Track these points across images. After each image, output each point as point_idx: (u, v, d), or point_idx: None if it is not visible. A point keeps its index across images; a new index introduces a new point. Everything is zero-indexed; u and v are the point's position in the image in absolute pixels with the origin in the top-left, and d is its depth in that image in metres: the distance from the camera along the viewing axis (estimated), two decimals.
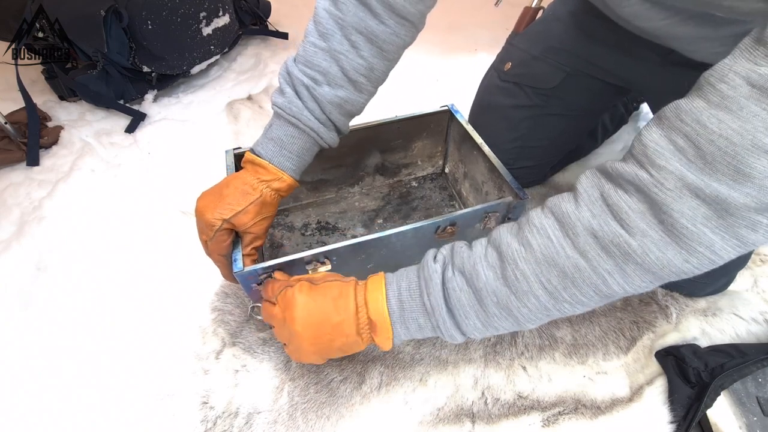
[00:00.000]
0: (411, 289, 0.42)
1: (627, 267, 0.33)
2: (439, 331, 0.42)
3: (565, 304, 0.37)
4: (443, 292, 0.41)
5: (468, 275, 0.39)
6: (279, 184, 0.52)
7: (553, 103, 0.74)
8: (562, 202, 0.38)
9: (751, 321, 0.67)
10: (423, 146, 0.81)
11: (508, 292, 0.38)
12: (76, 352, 0.66)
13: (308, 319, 0.44)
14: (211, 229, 0.50)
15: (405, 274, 0.44)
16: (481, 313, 0.39)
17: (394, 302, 0.43)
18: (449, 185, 0.86)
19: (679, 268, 0.33)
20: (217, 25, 1.11)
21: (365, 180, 0.84)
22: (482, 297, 0.39)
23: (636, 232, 0.32)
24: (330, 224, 0.80)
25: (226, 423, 0.58)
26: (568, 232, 0.36)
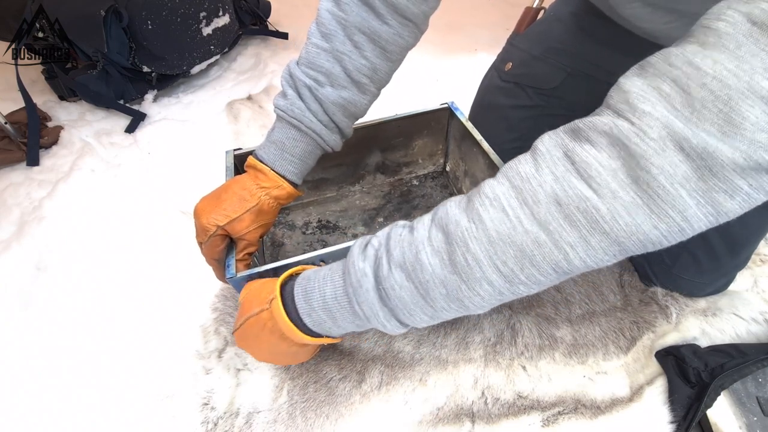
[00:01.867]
0: (337, 297, 0.38)
1: (592, 238, 0.30)
2: (380, 329, 0.38)
3: (521, 286, 0.32)
4: (378, 295, 0.36)
5: (410, 268, 0.34)
6: (278, 191, 0.51)
7: (554, 103, 0.74)
8: (519, 165, 0.33)
9: (751, 321, 0.67)
10: (424, 144, 0.81)
11: (458, 281, 0.33)
12: (76, 352, 0.66)
13: (266, 359, 0.48)
14: (205, 233, 0.49)
15: (328, 277, 0.39)
16: (428, 308, 0.35)
17: (323, 315, 0.39)
18: (450, 183, 0.86)
19: (646, 236, 0.29)
20: (217, 25, 1.11)
21: (366, 178, 0.84)
22: (428, 290, 0.34)
23: (605, 193, 0.29)
24: (331, 223, 0.80)
25: (227, 423, 0.58)
26: (526, 199, 0.31)
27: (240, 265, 0.52)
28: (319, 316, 0.39)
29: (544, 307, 0.70)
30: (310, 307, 0.39)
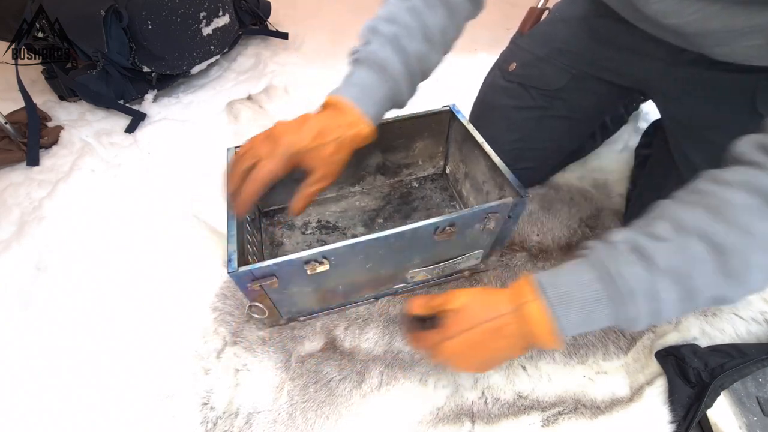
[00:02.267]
0: (600, 300, 0.39)
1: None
2: (625, 327, 0.40)
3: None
4: (646, 299, 0.37)
5: (679, 275, 0.36)
6: (358, 130, 0.51)
7: (557, 105, 0.74)
8: (760, 178, 0.35)
9: (751, 321, 0.67)
10: (424, 146, 0.81)
11: (730, 284, 0.35)
12: (76, 352, 0.66)
13: (476, 368, 0.46)
14: (281, 147, 0.48)
15: (584, 285, 0.39)
16: (687, 307, 0.38)
17: (576, 318, 0.40)
18: (450, 186, 0.86)
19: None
20: (217, 25, 1.11)
21: (366, 179, 0.84)
22: (695, 295, 0.36)
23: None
24: (330, 223, 0.80)
25: (227, 423, 0.58)
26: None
27: (302, 202, 0.52)
28: (572, 321, 0.40)
29: None
30: (568, 311, 0.39)
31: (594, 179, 0.92)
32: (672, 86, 0.64)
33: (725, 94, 0.59)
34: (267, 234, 0.78)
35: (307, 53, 1.31)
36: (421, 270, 0.65)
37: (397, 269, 0.64)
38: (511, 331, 0.42)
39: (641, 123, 1.02)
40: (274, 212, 0.81)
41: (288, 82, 1.18)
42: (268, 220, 0.80)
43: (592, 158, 0.95)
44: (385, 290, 0.69)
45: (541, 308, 0.40)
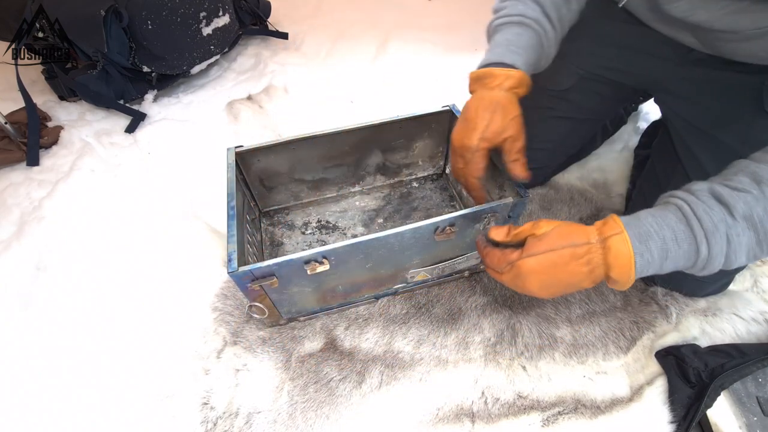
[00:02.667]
0: (678, 239, 0.41)
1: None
2: (696, 269, 0.42)
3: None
4: (726, 241, 0.40)
5: (758, 221, 0.39)
6: (510, 81, 0.53)
7: (562, 105, 0.74)
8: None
9: (751, 321, 0.67)
10: (424, 146, 0.81)
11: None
12: (76, 352, 0.66)
13: (542, 290, 0.46)
14: (467, 151, 0.53)
15: (664, 224, 0.42)
16: (757, 252, 0.40)
17: (656, 255, 0.42)
18: (450, 186, 0.86)
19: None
20: (217, 25, 1.11)
21: (366, 179, 0.84)
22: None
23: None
24: (330, 223, 0.80)
25: (227, 423, 0.58)
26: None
27: (517, 165, 0.55)
28: (653, 257, 0.41)
29: (544, 307, 0.70)
30: (645, 247, 0.41)
31: (594, 179, 0.92)
32: (680, 86, 0.65)
33: (732, 94, 0.59)
34: (267, 234, 0.78)
35: (307, 53, 1.31)
36: (421, 270, 0.65)
37: (397, 269, 0.64)
38: (592, 259, 0.43)
39: (641, 123, 1.02)
40: (274, 212, 0.82)
41: (288, 82, 1.18)
42: (268, 220, 0.81)
43: (592, 158, 0.95)
44: (385, 290, 0.69)
45: (625, 241, 0.42)
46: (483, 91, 0.54)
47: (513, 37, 0.55)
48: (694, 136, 0.64)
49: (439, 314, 0.69)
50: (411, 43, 1.31)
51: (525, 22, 0.54)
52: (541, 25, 0.55)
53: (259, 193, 0.77)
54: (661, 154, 0.72)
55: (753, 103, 0.57)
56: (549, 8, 0.55)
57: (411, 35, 1.36)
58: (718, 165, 0.46)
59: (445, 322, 0.68)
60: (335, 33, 1.39)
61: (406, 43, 1.31)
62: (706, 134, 0.62)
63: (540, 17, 0.55)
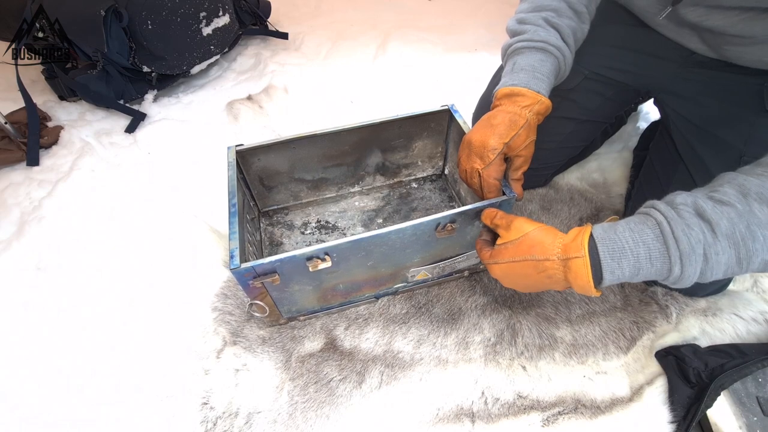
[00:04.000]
0: (652, 258, 0.41)
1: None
2: (668, 283, 0.42)
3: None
4: (703, 260, 0.39)
5: (740, 239, 0.38)
6: (539, 107, 0.55)
7: (565, 105, 0.75)
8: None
9: (751, 321, 0.67)
10: (423, 146, 0.81)
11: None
12: (76, 352, 0.66)
13: (516, 287, 0.51)
14: (491, 152, 0.55)
15: (641, 241, 0.41)
16: (735, 270, 0.39)
17: (627, 273, 0.42)
18: (449, 186, 0.86)
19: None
20: (217, 25, 1.11)
21: (365, 180, 0.84)
22: (750, 258, 0.38)
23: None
24: (330, 223, 0.80)
25: (227, 423, 0.58)
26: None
27: (516, 184, 0.59)
28: (623, 273, 0.42)
29: (544, 307, 0.70)
30: (618, 265, 0.42)
31: (594, 179, 0.92)
32: (682, 87, 0.66)
33: (734, 95, 0.60)
34: (266, 234, 0.78)
35: (307, 53, 1.31)
36: (422, 269, 0.65)
37: (398, 267, 0.64)
38: (553, 274, 0.45)
39: (641, 123, 1.02)
40: (273, 212, 0.82)
41: (288, 82, 1.18)
42: (268, 220, 0.81)
43: (591, 158, 0.95)
44: (386, 289, 0.69)
45: (585, 265, 0.43)
46: (513, 107, 0.56)
47: (537, 63, 0.56)
48: (696, 135, 0.64)
49: (439, 314, 0.69)
50: (411, 43, 1.31)
51: (548, 49, 0.56)
52: (562, 52, 0.57)
53: (258, 192, 0.77)
54: (660, 154, 0.72)
55: (754, 104, 0.58)
56: (567, 34, 0.58)
57: (411, 35, 1.36)
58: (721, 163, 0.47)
59: (445, 322, 0.68)
60: (335, 33, 1.39)
61: (406, 43, 1.32)
62: (708, 133, 0.63)
63: (560, 44, 0.57)
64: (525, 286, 0.50)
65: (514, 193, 0.59)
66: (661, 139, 0.73)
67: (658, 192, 0.47)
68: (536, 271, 0.46)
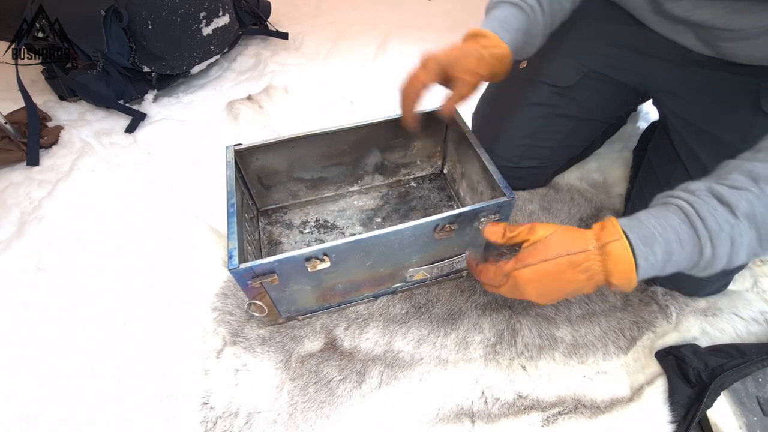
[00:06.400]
0: (682, 241, 0.40)
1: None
2: (696, 270, 0.42)
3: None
4: (728, 241, 0.39)
5: (760, 220, 0.38)
6: (498, 50, 0.56)
7: (566, 103, 0.75)
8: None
9: (751, 321, 0.67)
10: (422, 146, 0.81)
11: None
12: (76, 352, 0.66)
13: (541, 297, 0.46)
14: (431, 60, 0.56)
15: (668, 226, 0.41)
16: (757, 251, 0.40)
17: (659, 258, 0.41)
18: (447, 185, 0.86)
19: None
20: (217, 25, 1.11)
21: (364, 179, 0.84)
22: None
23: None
24: (328, 222, 0.80)
25: (227, 423, 0.58)
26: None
27: (449, 105, 0.58)
28: (656, 259, 0.41)
29: (544, 307, 0.70)
30: (651, 251, 0.41)
31: (594, 179, 0.92)
32: (679, 86, 0.66)
33: (731, 95, 0.60)
34: (265, 233, 0.78)
35: (307, 53, 1.31)
36: (420, 269, 0.65)
37: (397, 267, 0.64)
38: (591, 267, 0.42)
39: (640, 123, 1.02)
40: (272, 211, 0.82)
41: (288, 82, 1.18)
42: (266, 219, 0.81)
43: (591, 158, 0.95)
44: (384, 289, 0.69)
45: (625, 247, 0.41)
46: (473, 44, 0.56)
47: (508, 16, 0.58)
48: (694, 135, 0.64)
49: (439, 314, 0.69)
50: (411, 43, 1.31)
51: (520, 4, 0.57)
52: (534, 12, 0.57)
53: (257, 191, 0.77)
54: (659, 153, 0.72)
55: (751, 104, 0.58)
56: (543, 1, 0.58)
57: (411, 35, 1.36)
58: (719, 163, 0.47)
59: (445, 322, 0.68)
60: (335, 33, 1.39)
61: (406, 44, 1.32)
62: (706, 133, 0.63)
63: (535, 4, 0.57)
64: (556, 291, 0.46)
65: (513, 194, 0.59)
66: (659, 139, 0.74)
67: (657, 192, 0.47)
68: (572, 267, 0.43)
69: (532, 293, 0.46)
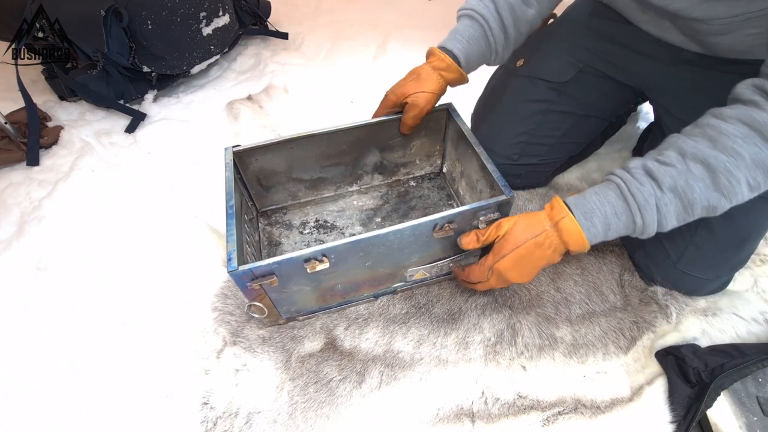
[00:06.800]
0: (617, 213, 0.49)
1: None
2: (637, 234, 0.50)
3: (757, 192, 0.46)
4: (656, 211, 0.47)
5: (681, 192, 0.46)
6: (439, 63, 0.64)
7: (563, 100, 0.75)
8: (751, 112, 0.44)
9: (751, 321, 0.67)
10: (421, 145, 0.81)
11: (719, 196, 0.45)
12: (76, 352, 0.66)
13: (522, 277, 0.55)
14: (391, 92, 0.69)
15: (605, 201, 0.49)
16: (684, 217, 0.48)
17: (600, 229, 0.49)
18: (447, 185, 0.86)
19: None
20: (217, 25, 1.11)
21: (364, 179, 0.84)
22: (693, 206, 0.46)
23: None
24: (328, 223, 0.80)
25: (227, 423, 0.58)
26: (766, 136, 0.43)
27: (406, 124, 0.70)
28: (597, 230, 0.50)
29: (544, 307, 0.70)
30: (591, 223, 0.50)
31: (594, 179, 0.92)
32: (673, 85, 0.66)
33: (724, 93, 0.60)
34: (265, 234, 0.78)
35: (307, 53, 1.31)
36: (420, 268, 0.65)
37: (396, 267, 0.64)
38: (552, 243, 0.52)
39: (640, 123, 1.02)
40: (272, 212, 0.81)
41: (288, 82, 1.18)
42: (266, 220, 0.81)
43: (591, 158, 0.95)
44: (384, 289, 0.69)
45: (573, 221, 0.50)
46: (422, 65, 0.66)
47: (461, 27, 0.64)
48: None
49: (439, 314, 0.69)
50: (411, 43, 1.31)
51: (473, 15, 0.63)
52: (487, 21, 0.62)
53: (256, 192, 0.77)
54: None
55: None
56: (502, 7, 0.62)
57: (411, 35, 1.36)
58: None
59: (445, 322, 0.68)
60: (335, 33, 1.39)
61: (406, 43, 1.32)
62: None
63: (488, 14, 0.62)
64: (531, 268, 0.54)
65: (512, 193, 0.60)
66: (654, 138, 0.74)
67: None
68: (538, 247, 0.52)
69: (514, 276, 0.55)
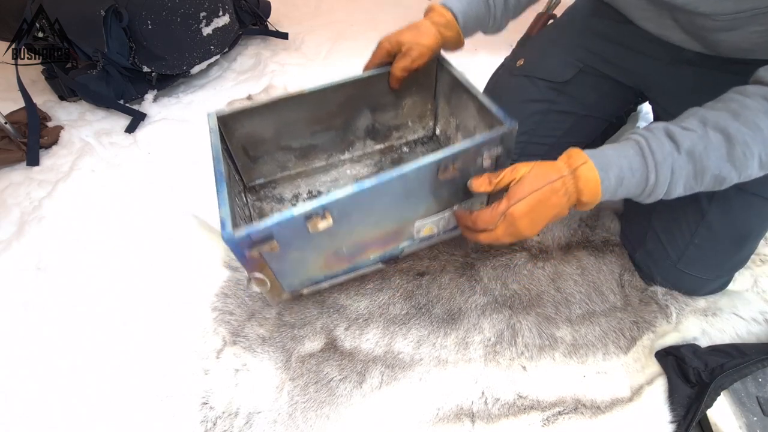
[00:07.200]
0: (633, 168, 0.48)
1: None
2: (643, 196, 0.50)
3: (765, 171, 0.47)
4: (671, 172, 0.47)
5: (698, 157, 0.46)
6: (439, 19, 0.64)
7: (563, 99, 0.75)
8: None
9: (751, 321, 0.67)
10: (413, 104, 0.78)
11: (730, 168, 0.46)
12: (76, 352, 0.66)
13: (531, 228, 0.52)
14: (386, 40, 0.66)
15: (623, 156, 0.49)
16: (692, 185, 0.48)
17: (613, 182, 0.49)
18: (441, 146, 0.81)
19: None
20: (217, 25, 1.11)
21: (356, 145, 0.80)
22: (704, 173, 0.46)
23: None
24: (322, 194, 0.75)
25: (226, 423, 0.58)
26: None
27: (395, 76, 0.67)
28: (611, 183, 0.49)
29: (544, 307, 0.70)
30: (606, 175, 0.48)
31: None
32: (672, 85, 0.66)
33: (722, 94, 0.60)
34: (255, 210, 0.74)
35: (307, 53, 1.31)
36: (427, 221, 0.63)
37: (403, 222, 0.61)
38: (568, 189, 0.50)
39: (640, 123, 1.02)
40: (260, 187, 0.77)
41: (288, 82, 1.18)
42: (254, 195, 0.76)
43: None
44: (392, 249, 0.66)
45: (592, 168, 0.49)
46: (422, 20, 0.66)
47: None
48: None
49: (439, 314, 0.69)
50: None
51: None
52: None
53: (243, 164, 0.72)
54: None
55: None
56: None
57: None
58: None
59: (445, 322, 0.68)
60: (335, 33, 1.39)
61: None
62: None
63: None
64: (543, 218, 0.52)
65: (514, 122, 0.59)
66: None
67: None
68: (554, 193, 0.50)
69: (525, 225, 0.51)
